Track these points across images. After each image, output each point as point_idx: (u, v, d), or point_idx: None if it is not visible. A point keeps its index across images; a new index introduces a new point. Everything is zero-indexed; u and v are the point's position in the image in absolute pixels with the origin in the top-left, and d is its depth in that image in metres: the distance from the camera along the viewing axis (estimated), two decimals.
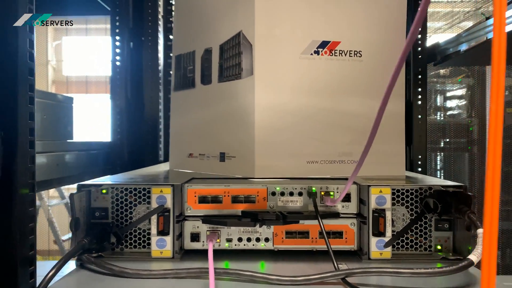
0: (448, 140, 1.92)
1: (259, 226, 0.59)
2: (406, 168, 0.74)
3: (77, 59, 3.42)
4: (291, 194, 0.60)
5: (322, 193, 0.60)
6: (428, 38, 1.13)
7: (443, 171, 1.97)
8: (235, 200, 0.60)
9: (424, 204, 0.58)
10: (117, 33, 1.18)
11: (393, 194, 0.58)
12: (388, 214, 0.56)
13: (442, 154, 1.96)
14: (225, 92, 0.71)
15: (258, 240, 0.60)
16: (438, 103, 2.05)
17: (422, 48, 1.10)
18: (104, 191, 0.59)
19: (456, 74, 1.96)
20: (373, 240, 0.57)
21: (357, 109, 0.69)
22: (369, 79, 0.69)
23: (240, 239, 0.60)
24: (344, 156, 0.68)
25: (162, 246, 0.57)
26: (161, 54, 1.26)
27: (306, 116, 0.67)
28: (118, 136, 1.19)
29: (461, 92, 1.99)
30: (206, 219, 0.59)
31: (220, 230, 0.60)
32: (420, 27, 0.34)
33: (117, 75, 1.19)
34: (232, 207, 0.60)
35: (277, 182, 0.61)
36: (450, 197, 0.57)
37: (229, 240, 0.60)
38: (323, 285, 0.48)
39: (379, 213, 0.56)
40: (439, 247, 0.59)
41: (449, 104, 2.05)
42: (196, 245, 0.60)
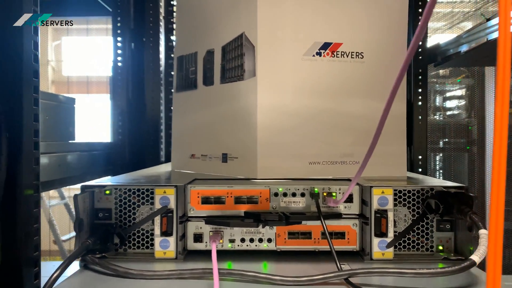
0: (447, 140, 1.92)
1: (262, 227, 0.59)
2: (407, 169, 0.74)
3: (78, 59, 3.42)
4: (294, 195, 0.60)
5: (325, 194, 0.60)
6: (428, 39, 1.14)
7: (442, 171, 1.97)
8: (238, 201, 0.60)
9: (426, 205, 0.58)
10: (119, 34, 1.19)
11: (395, 195, 0.59)
12: (390, 215, 0.57)
13: (441, 154, 1.96)
14: (228, 93, 0.71)
15: (260, 240, 0.60)
16: (438, 104, 2.06)
17: (423, 49, 1.10)
18: (107, 192, 0.60)
19: (455, 74, 1.96)
20: (375, 241, 0.57)
21: (359, 110, 0.69)
22: (370, 80, 0.69)
23: (243, 240, 0.60)
24: (346, 157, 0.69)
25: (165, 246, 0.58)
26: (162, 55, 1.26)
27: (308, 117, 0.67)
28: (120, 136, 1.20)
29: (461, 92, 2.00)
30: (209, 219, 0.59)
31: (223, 231, 0.60)
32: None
33: (119, 76, 1.19)
34: (235, 208, 0.60)
35: (280, 183, 0.61)
36: (451, 198, 0.57)
37: (232, 241, 0.60)
38: (326, 286, 0.49)
39: (381, 214, 0.57)
40: (440, 248, 0.59)
41: (449, 104, 2.05)
42: (199, 246, 0.60)
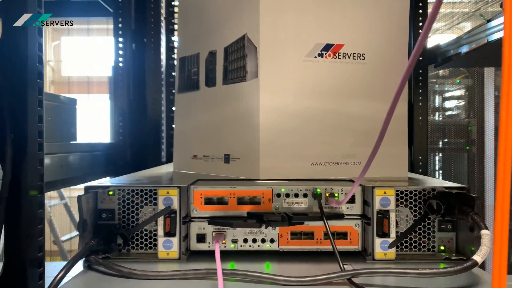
0: (446, 140, 1.93)
1: (265, 227, 0.60)
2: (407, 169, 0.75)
3: (77, 60, 3.42)
4: (296, 195, 0.61)
5: (327, 195, 0.60)
6: (428, 39, 1.14)
7: (441, 172, 1.98)
8: (241, 201, 0.61)
9: (428, 205, 0.58)
10: (120, 35, 1.19)
11: (396, 195, 0.59)
12: (392, 215, 0.57)
13: (441, 154, 1.97)
14: (230, 94, 0.72)
15: (263, 241, 0.60)
16: (437, 104, 2.07)
17: (423, 49, 1.10)
18: (110, 192, 0.60)
19: (455, 75, 1.97)
20: (378, 241, 0.57)
21: (361, 111, 0.69)
22: (372, 81, 0.70)
23: (245, 240, 0.60)
24: (348, 157, 0.69)
25: (168, 247, 0.58)
26: (163, 56, 1.26)
27: (310, 118, 0.68)
28: (121, 137, 1.20)
29: (460, 92, 2.00)
30: (212, 220, 0.59)
31: (225, 231, 0.60)
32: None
33: (120, 77, 1.19)
34: (238, 209, 0.60)
35: (282, 184, 0.62)
36: (453, 199, 0.58)
37: (234, 241, 0.60)
38: (329, 286, 0.49)
39: (384, 214, 0.57)
40: (442, 248, 0.60)
41: (448, 104, 2.06)
42: (202, 246, 0.60)
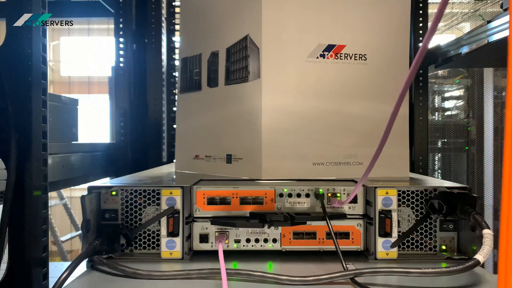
0: (446, 140, 1.93)
1: (267, 227, 0.60)
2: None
3: (77, 59, 3.42)
4: (299, 195, 0.61)
5: (329, 195, 0.61)
6: None
7: (441, 172, 1.98)
8: (243, 201, 0.61)
9: (430, 205, 0.59)
10: (121, 35, 1.19)
11: (398, 195, 0.59)
12: (394, 215, 0.57)
13: (440, 154, 1.97)
14: (232, 95, 0.72)
15: (266, 241, 0.61)
16: (436, 104, 2.07)
17: None
18: (114, 193, 0.60)
19: (454, 74, 1.97)
20: (380, 241, 0.58)
21: (362, 112, 0.70)
22: (373, 82, 0.70)
23: (248, 240, 0.61)
24: (350, 158, 0.69)
25: (171, 247, 0.58)
26: (164, 56, 1.27)
27: (313, 119, 0.68)
28: (122, 137, 1.20)
29: (459, 92, 2.01)
30: (215, 220, 0.60)
31: (228, 231, 0.61)
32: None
33: (121, 77, 1.20)
34: (240, 209, 0.61)
35: (285, 184, 0.62)
36: (454, 199, 0.58)
37: (237, 241, 0.61)
38: (332, 285, 0.49)
39: (386, 214, 0.57)
40: (443, 247, 0.60)
41: (447, 104, 2.06)
42: (205, 246, 0.61)
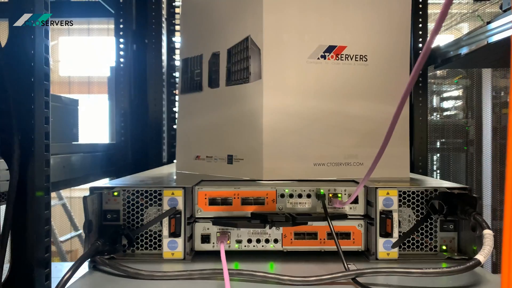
0: (444, 140, 1.94)
1: (269, 228, 0.60)
2: None
3: (76, 59, 3.42)
4: (300, 196, 0.61)
5: (330, 195, 0.61)
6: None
7: (440, 171, 1.99)
8: (245, 202, 0.61)
9: (430, 205, 0.59)
10: (121, 35, 1.19)
11: (399, 196, 0.60)
12: (395, 216, 0.58)
13: (439, 154, 1.98)
14: (233, 96, 0.72)
15: (267, 241, 0.61)
16: (435, 104, 2.08)
17: None
18: (115, 193, 0.60)
19: (453, 75, 1.98)
20: (381, 241, 0.58)
21: (363, 112, 0.70)
22: (374, 82, 0.70)
23: (249, 241, 0.61)
24: (350, 158, 0.70)
25: (173, 247, 0.58)
26: (164, 56, 1.27)
27: (313, 119, 0.68)
28: (122, 138, 1.20)
29: (458, 93, 2.02)
30: (216, 220, 0.60)
31: (230, 232, 0.61)
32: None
33: (121, 78, 1.20)
34: (242, 209, 0.61)
35: (286, 184, 0.62)
36: (455, 199, 0.58)
37: (238, 242, 0.61)
38: (334, 285, 0.49)
39: (386, 215, 0.58)
40: (444, 247, 0.61)
41: (446, 105, 2.07)
42: (206, 247, 0.61)
